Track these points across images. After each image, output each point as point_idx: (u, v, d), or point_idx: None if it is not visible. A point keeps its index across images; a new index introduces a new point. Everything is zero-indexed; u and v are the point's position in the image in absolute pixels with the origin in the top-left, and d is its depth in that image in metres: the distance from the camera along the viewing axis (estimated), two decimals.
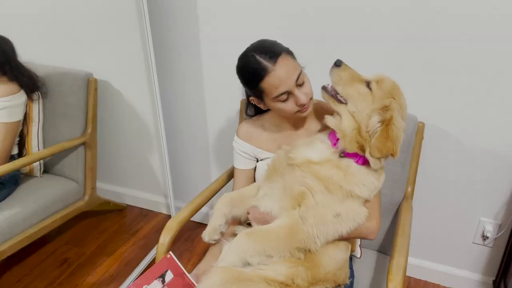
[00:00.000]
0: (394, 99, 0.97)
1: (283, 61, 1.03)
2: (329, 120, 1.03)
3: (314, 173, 0.99)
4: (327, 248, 1.01)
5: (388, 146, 0.94)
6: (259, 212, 1.07)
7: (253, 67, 1.04)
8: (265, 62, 1.02)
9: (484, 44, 1.34)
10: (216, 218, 1.10)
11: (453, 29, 1.35)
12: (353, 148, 0.98)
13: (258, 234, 0.99)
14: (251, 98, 1.15)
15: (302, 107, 1.08)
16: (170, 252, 1.02)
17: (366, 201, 1.03)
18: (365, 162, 1.00)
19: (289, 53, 1.08)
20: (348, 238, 1.07)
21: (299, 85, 1.06)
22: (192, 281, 1.02)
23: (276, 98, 1.05)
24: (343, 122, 0.99)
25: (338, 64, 1.02)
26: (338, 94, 1.01)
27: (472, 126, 1.46)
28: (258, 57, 1.04)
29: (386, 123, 0.94)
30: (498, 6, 1.28)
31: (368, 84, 1.00)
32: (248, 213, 1.11)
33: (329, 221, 0.97)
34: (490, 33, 1.32)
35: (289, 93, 1.05)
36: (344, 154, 1.01)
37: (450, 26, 1.35)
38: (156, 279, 0.98)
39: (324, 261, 1.02)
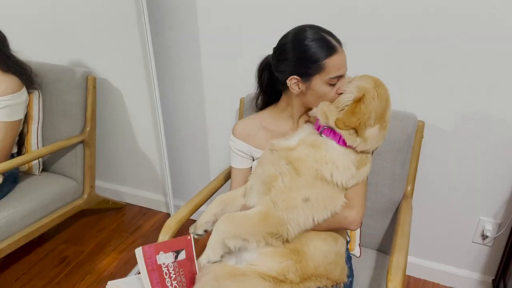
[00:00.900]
0: (370, 85, 1.04)
1: (343, 49, 1.07)
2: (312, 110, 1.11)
3: (286, 157, 1.02)
4: (309, 238, 1.02)
5: (352, 120, 0.98)
6: (246, 207, 1.08)
7: (321, 42, 1.03)
8: (334, 42, 1.05)
9: (484, 44, 1.34)
10: (205, 215, 1.14)
11: (453, 29, 1.35)
12: (324, 119, 1.03)
13: (235, 218, 1.01)
14: (292, 77, 1.07)
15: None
16: (191, 234, 1.06)
17: (346, 189, 1.03)
18: (344, 143, 1.01)
19: None
20: (329, 229, 1.05)
21: None
22: (197, 270, 1.04)
23: (330, 80, 1.05)
24: (318, 105, 1.08)
25: None
26: None
27: (472, 126, 1.46)
28: (325, 35, 1.05)
29: (356, 101, 1.00)
30: (498, 6, 1.28)
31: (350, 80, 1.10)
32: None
33: (298, 206, 0.98)
34: (490, 33, 1.32)
35: (338, 79, 1.06)
36: (323, 133, 1.03)
37: (450, 26, 1.35)
38: (172, 252, 1.01)
39: (309, 252, 1.02)
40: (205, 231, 1.13)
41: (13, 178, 1.72)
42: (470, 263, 1.69)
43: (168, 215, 2.19)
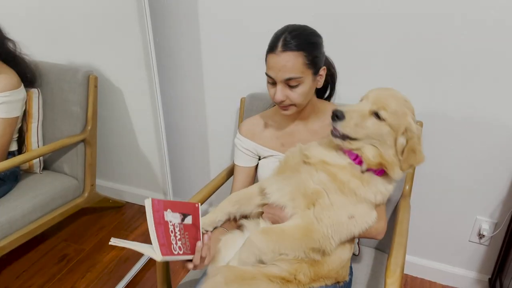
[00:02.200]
0: (408, 114, 0.97)
1: (288, 56, 1.04)
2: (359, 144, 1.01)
3: (329, 174, 0.99)
4: (336, 248, 1.02)
5: (419, 159, 0.97)
6: (273, 211, 1.06)
7: (273, 38, 1.09)
8: (277, 44, 1.06)
9: (484, 44, 1.35)
10: (218, 212, 1.12)
11: (453, 29, 1.36)
12: (376, 167, 1.00)
13: (273, 233, 0.99)
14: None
15: (277, 103, 1.11)
16: (199, 203, 1.02)
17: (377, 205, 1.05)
18: (383, 173, 1.01)
19: (307, 55, 1.05)
20: (358, 237, 1.10)
21: (290, 86, 1.08)
22: (201, 237, 1.00)
23: (267, 75, 1.10)
24: (365, 152, 0.99)
25: (340, 116, 0.96)
26: (349, 137, 0.98)
27: (470, 125, 1.47)
28: (279, 34, 1.08)
29: (408, 139, 0.97)
30: (498, 7, 1.29)
31: (376, 114, 0.96)
32: (262, 212, 1.11)
33: (343, 222, 0.98)
34: (490, 33, 1.33)
35: (274, 82, 1.09)
36: (367, 171, 1.01)
37: (450, 26, 1.36)
38: (179, 213, 0.98)
39: (330, 260, 1.03)
40: (215, 228, 1.12)
41: (14, 176, 1.72)
42: (466, 262, 1.70)
43: None
